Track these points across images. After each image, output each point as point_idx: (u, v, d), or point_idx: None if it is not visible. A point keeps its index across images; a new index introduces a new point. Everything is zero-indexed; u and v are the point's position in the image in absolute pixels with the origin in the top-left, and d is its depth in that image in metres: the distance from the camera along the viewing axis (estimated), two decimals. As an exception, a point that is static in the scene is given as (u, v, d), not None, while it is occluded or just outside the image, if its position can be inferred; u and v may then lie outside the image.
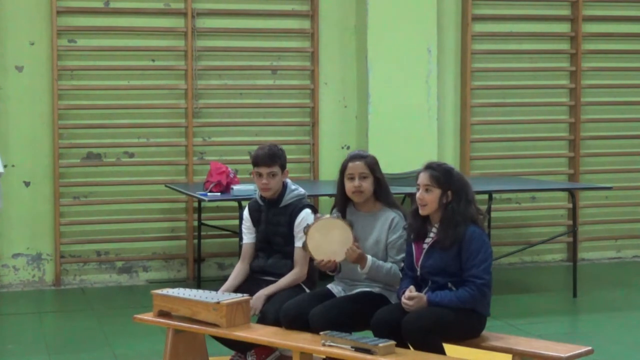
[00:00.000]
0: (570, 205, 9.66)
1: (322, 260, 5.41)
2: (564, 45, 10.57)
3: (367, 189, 5.54)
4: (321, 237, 5.38)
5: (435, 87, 9.81)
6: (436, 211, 5.21)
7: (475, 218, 5.19)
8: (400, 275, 5.42)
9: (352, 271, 5.55)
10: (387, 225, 5.52)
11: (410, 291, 5.13)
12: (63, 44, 9.23)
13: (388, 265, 5.46)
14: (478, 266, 5.10)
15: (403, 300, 5.13)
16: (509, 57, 10.41)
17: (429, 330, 5.00)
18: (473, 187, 5.33)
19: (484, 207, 8.47)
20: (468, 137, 10.16)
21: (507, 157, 10.45)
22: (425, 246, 5.24)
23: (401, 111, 9.66)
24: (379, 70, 9.63)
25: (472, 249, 5.11)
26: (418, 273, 5.26)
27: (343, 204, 5.65)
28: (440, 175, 5.19)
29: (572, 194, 9.21)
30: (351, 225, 5.40)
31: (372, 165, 5.56)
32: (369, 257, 5.42)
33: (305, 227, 5.46)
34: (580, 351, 5.01)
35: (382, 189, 5.58)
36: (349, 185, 5.55)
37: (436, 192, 5.18)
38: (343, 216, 5.63)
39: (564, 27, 10.56)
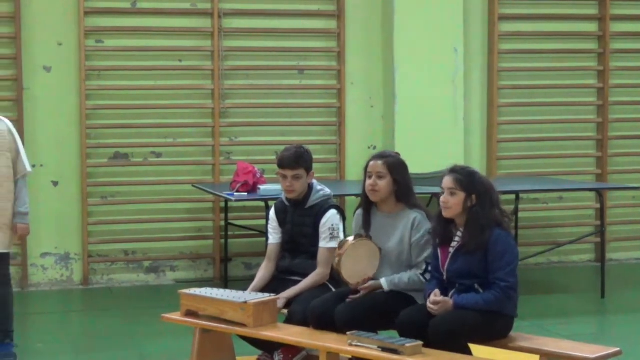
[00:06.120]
0: (598, 206, 9.62)
1: (358, 282, 5.47)
2: (592, 45, 10.52)
3: (382, 188, 5.53)
4: (352, 262, 5.44)
5: (461, 87, 9.79)
6: (461, 215, 5.21)
7: (500, 221, 5.19)
8: (422, 279, 5.45)
9: (379, 271, 5.55)
10: (410, 224, 5.52)
11: (436, 295, 5.14)
12: (91, 45, 9.28)
13: (405, 277, 5.47)
14: (504, 269, 5.10)
15: (428, 305, 5.15)
16: (536, 56, 10.37)
17: (456, 333, 5.00)
18: (499, 188, 5.34)
19: (510, 207, 8.49)
20: (495, 136, 10.13)
21: (534, 157, 10.41)
22: (451, 250, 5.25)
23: (428, 111, 9.64)
24: (405, 70, 9.62)
25: (498, 252, 5.11)
26: (444, 277, 5.27)
27: (367, 203, 5.66)
28: (464, 178, 5.20)
29: (599, 194, 9.16)
30: (370, 237, 5.50)
31: (392, 165, 5.55)
32: (383, 280, 5.47)
33: (334, 262, 5.49)
34: (608, 352, 4.99)
35: (402, 190, 5.57)
36: (366, 183, 5.58)
37: (460, 196, 5.18)
38: (367, 216, 5.65)
39: (591, 27, 10.52)
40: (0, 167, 6.28)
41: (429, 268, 5.44)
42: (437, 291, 5.17)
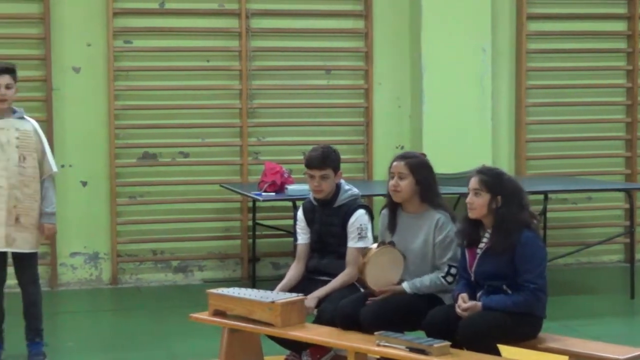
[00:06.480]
0: (627, 206, 9.57)
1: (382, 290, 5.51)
2: (620, 44, 10.46)
3: (404, 188, 5.55)
4: (375, 269, 5.44)
5: (489, 87, 9.76)
6: (487, 216, 5.21)
7: (528, 223, 5.17)
8: (443, 282, 5.46)
9: (405, 271, 5.56)
10: (433, 225, 5.53)
11: (464, 301, 5.15)
12: (119, 45, 9.32)
13: (427, 280, 5.49)
14: (532, 271, 5.09)
15: (457, 310, 5.15)
16: (565, 56, 10.32)
17: (485, 334, 5.00)
18: (528, 188, 5.32)
19: (539, 208, 8.46)
20: (523, 136, 10.10)
21: (562, 157, 10.36)
22: (479, 252, 5.24)
23: (455, 111, 9.61)
24: (433, 70, 9.60)
25: (526, 254, 5.10)
26: (472, 278, 5.26)
27: (392, 203, 5.68)
28: (490, 179, 5.20)
29: (629, 194, 9.12)
30: (393, 243, 5.50)
31: (414, 166, 5.56)
32: (405, 284, 5.49)
33: (358, 270, 5.51)
34: (637, 353, 4.96)
35: (426, 191, 5.57)
36: (389, 184, 5.59)
37: (485, 197, 5.18)
38: (393, 217, 5.65)
39: (620, 26, 10.46)
40: (27, 168, 6.32)
41: (451, 271, 5.46)
42: (465, 296, 5.17)
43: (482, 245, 5.24)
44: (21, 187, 6.29)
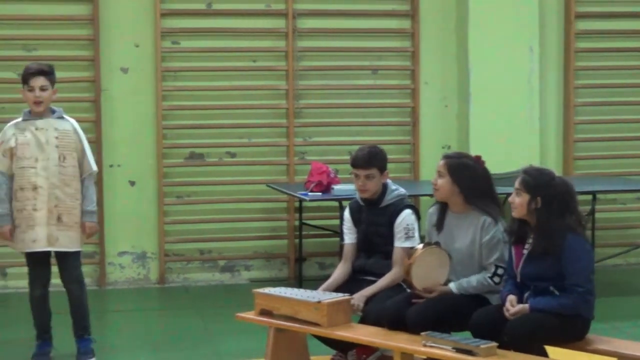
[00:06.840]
0: (677, 206, 9.47)
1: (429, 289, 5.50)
2: (671, 42, 10.36)
3: (440, 187, 5.59)
4: (421, 270, 5.43)
5: (537, 86, 9.69)
6: (529, 216, 5.19)
7: (573, 228, 5.11)
8: (490, 282, 5.46)
9: (452, 271, 5.54)
10: (479, 226, 5.53)
11: (512, 305, 5.12)
12: (167, 46, 9.38)
13: (474, 281, 5.49)
14: (579, 275, 5.06)
15: (505, 313, 5.12)
16: (613, 55, 10.21)
17: (533, 336, 4.98)
18: (576, 188, 5.26)
19: (587, 208, 8.38)
20: (571, 136, 10.01)
21: (611, 157, 10.26)
22: (525, 252, 5.21)
23: (503, 111, 9.56)
24: (480, 70, 9.55)
25: (572, 258, 5.06)
26: (518, 279, 5.24)
27: (441, 202, 5.70)
28: (531, 180, 5.17)
29: (679, 194, 9.01)
30: (438, 243, 5.50)
31: (451, 166, 5.56)
32: (452, 284, 5.49)
33: (404, 272, 5.50)
34: (687, 355, 4.91)
35: (465, 193, 5.56)
36: None
37: (525, 197, 5.16)
38: (442, 215, 5.65)
39: (670, 24, 10.35)
40: (67, 167, 6.35)
41: (498, 271, 5.46)
42: (513, 299, 5.14)
43: (527, 246, 5.22)
44: (62, 187, 6.32)
